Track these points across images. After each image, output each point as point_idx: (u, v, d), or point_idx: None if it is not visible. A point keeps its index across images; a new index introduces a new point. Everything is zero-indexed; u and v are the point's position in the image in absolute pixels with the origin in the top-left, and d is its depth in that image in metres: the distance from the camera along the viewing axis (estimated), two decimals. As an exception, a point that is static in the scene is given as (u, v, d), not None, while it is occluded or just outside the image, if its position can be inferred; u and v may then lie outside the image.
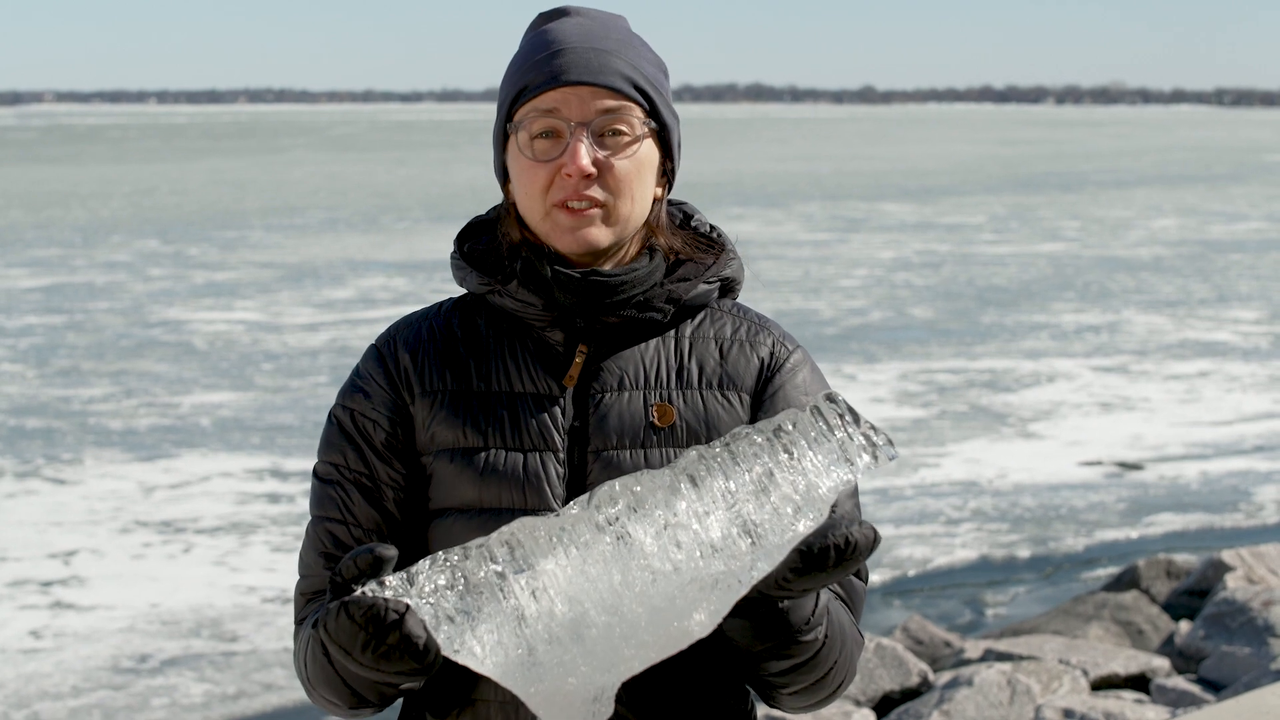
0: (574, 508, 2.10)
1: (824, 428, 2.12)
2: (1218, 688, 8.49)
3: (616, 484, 2.11)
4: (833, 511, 2.21)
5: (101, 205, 51.66)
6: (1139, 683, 8.81)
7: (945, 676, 8.52)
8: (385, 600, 2.04)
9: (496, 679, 2.08)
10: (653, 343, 2.61)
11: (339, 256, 35.32)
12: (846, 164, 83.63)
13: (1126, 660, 8.92)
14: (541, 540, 2.07)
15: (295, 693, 9.75)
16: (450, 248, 2.73)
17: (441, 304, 2.71)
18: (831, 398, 2.15)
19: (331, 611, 2.07)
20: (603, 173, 2.53)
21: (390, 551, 2.08)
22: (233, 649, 10.56)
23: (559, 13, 2.63)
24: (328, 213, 48.47)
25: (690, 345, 2.62)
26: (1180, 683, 8.48)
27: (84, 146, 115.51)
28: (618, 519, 2.08)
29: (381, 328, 2.70)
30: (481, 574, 2.06)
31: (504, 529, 2.10)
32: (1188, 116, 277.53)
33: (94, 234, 41.07)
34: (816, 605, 2.33)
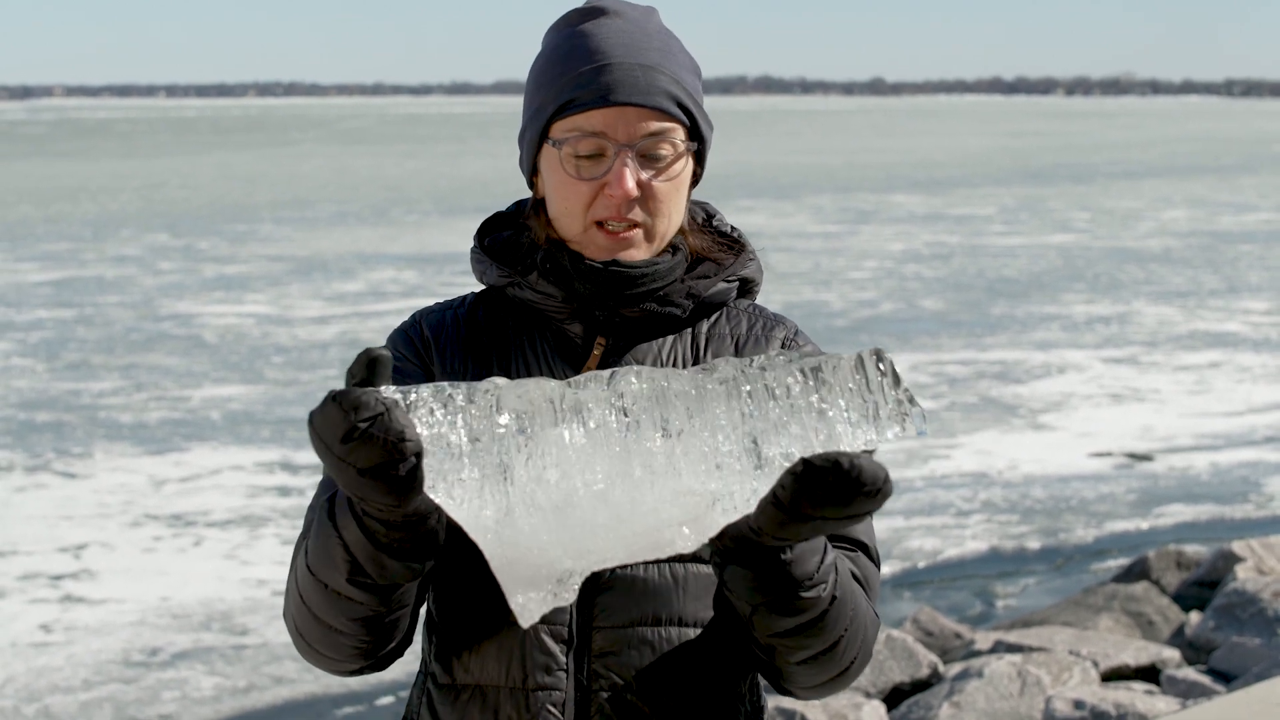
0: (591, 384, 2.04)
1: (862, 382, 2.04)
2: (1228, 678, 8.48)
3: (642, 373, 2.04)
4: None
5: (111, 199, 51.71)
6: (1149, 674, 8.81)
7: (955, 668, 8.52)
8: (374, 392, 1.96)
9: (466, 527, 2.03)
10: (670, 338, 2.61)
11: (349, 250, 35.32)
12: (856, 156, 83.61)
13: (1137, 651, 8.91)
14: (550, 411, 2.02)
15: (306, 686, 9.76)
16: (462, 240, 2.73)
17: (465, 297, 2.72)
18: (879, 354, 2.06)
19: (320, 405, 1.98)
20: (644, 194, 2.53)
21: (384, 352, 1.99)
22: (243, 642, 10.57)
23: (596, 11, 2.59)
24: (337, 206, 48.51)
25: (706, 341, 2.62)
26: (1191, 674, 8.48)
27: (93, 141, 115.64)
28: (633, 409, 2.02)
29: (392, 320, 2.71)
30: (482, 421, 2.01)
31: (516, 385, 2.03)
32: (1197, 108, 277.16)
33: (104, 228, 41.11)
34: (823, 561, 2.24)
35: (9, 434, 16.80)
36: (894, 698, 8.56)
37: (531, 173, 2.65)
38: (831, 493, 1.95)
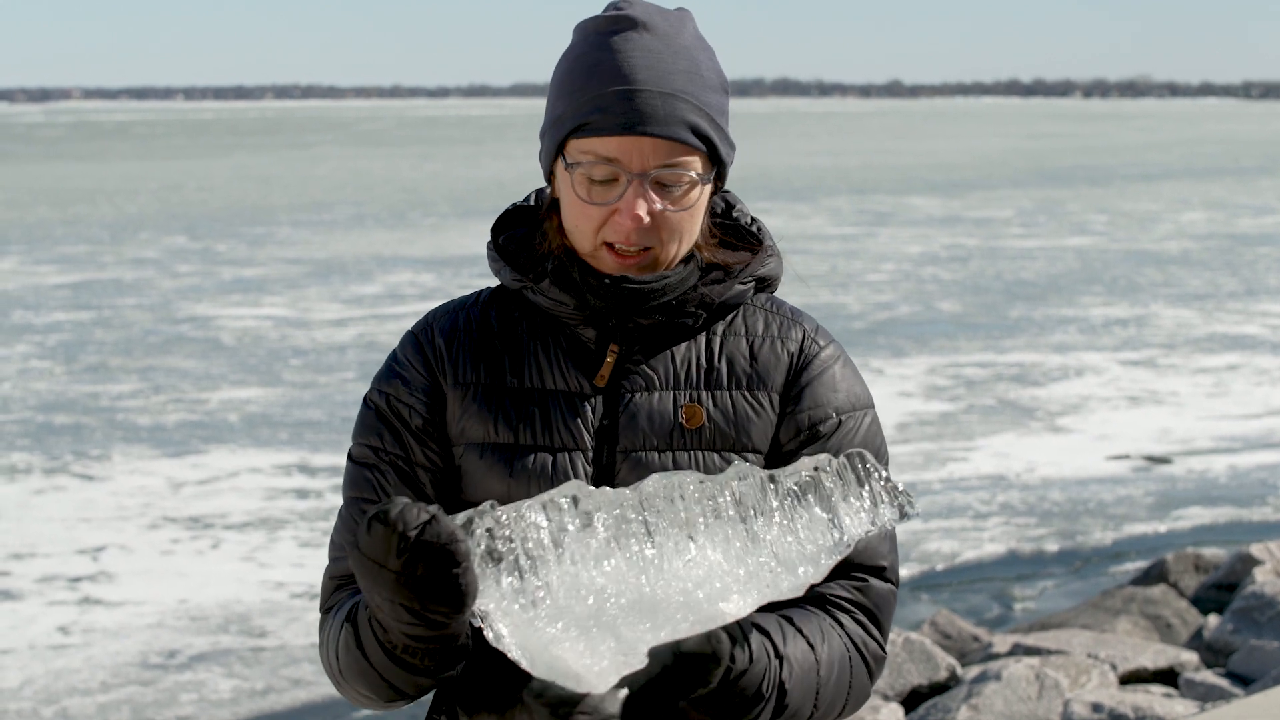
0: (614, 504, 2.12)
1: (854, 479, 2.19)
2: (1247, 682, 8.46)
3: (666, 490, 2.15)
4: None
5: (129, 202, 51.80)
6: (1167, 677, 8.79)
7: (973, 671, 8.50)
8: (410, 503, 2.01)
9: (512, 650, 2.08)
10: (684, 344, 2.59)
11: (366, 252, 35.37)
12: (873, 158, 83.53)
13: (1155, 654, 8.89)
14: (584, 542, 2.08)
15: (323, 688, 9.77)
16: (479, 243, 2.72)
17: (480, 293, 2.70)
18: (863, 455, 2.21)
19: (361, 528, 2.03)
20: (656, 221, 2.50)
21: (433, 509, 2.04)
22: (261, 644, 10.58)
23: (627, 22, 2.52)
24: (355, 208, 48.55)
25: (721, 344, 2.60)
26: (1209, 677, 8.46)
27: (111, 143, 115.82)
28: (653, 534, 2.11)
29: (409, 323, 2.70)
30: (515, 550, 2.06)
31: (546, 510, 2.10)
32: (1215, 110, 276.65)
33: (122, 230, 41.18)
34: (753, 662, 2.24)
35: (28, 436, 16.83)
36: (912, 700, 8.55)
37: (550, 173, 2.62)
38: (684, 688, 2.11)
